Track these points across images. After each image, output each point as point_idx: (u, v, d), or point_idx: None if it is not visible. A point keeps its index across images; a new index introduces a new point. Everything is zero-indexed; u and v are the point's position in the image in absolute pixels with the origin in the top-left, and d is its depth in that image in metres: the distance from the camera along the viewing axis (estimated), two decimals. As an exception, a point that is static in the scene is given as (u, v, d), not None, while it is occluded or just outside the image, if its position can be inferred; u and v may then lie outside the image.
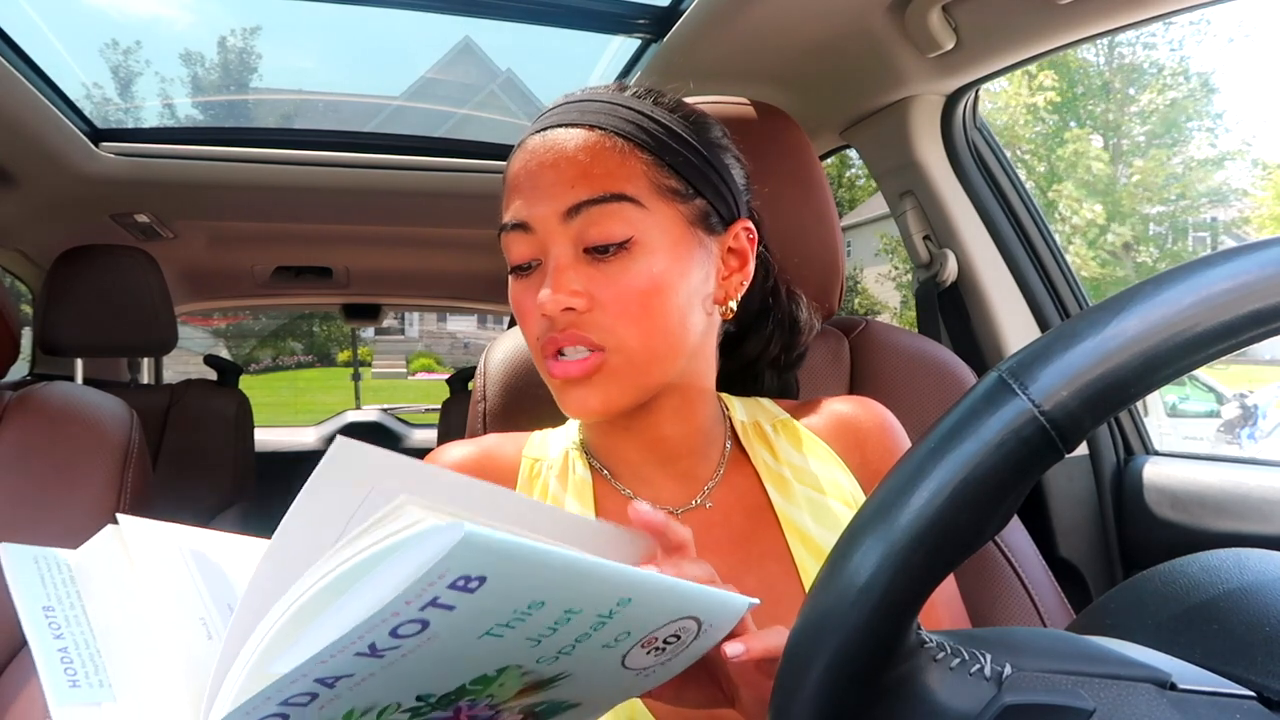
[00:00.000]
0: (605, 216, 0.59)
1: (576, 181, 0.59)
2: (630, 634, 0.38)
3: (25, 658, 0.76)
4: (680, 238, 0.62)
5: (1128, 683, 0.33)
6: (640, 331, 0.60)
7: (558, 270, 0.59)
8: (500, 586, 0.32)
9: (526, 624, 0.34)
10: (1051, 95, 14.39)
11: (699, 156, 0.64)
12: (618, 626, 0.37)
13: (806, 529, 0.64)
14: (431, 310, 10.67)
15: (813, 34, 1.19)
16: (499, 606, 0.33)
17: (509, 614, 0.33)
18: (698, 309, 0.64)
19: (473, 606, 0.32)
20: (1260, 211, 15.10)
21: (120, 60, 14.37)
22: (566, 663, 0.38)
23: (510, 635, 0.34)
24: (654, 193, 0.61)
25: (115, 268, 1.80)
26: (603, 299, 0.59)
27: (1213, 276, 0.29)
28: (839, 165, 14.50)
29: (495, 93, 6.96)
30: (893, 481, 0.32)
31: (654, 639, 0.40)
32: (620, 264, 0.59)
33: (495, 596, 0.32)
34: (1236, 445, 7.31)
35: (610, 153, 0.60)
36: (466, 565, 0.30)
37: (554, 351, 0.61)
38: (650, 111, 0.64)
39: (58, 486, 0.86)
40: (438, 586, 0.30)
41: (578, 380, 0.60)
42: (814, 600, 0.33)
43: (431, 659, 0.34)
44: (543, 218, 0.60)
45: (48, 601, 0.38)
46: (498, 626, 0.33)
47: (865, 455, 0.69)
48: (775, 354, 0.75)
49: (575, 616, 0.35)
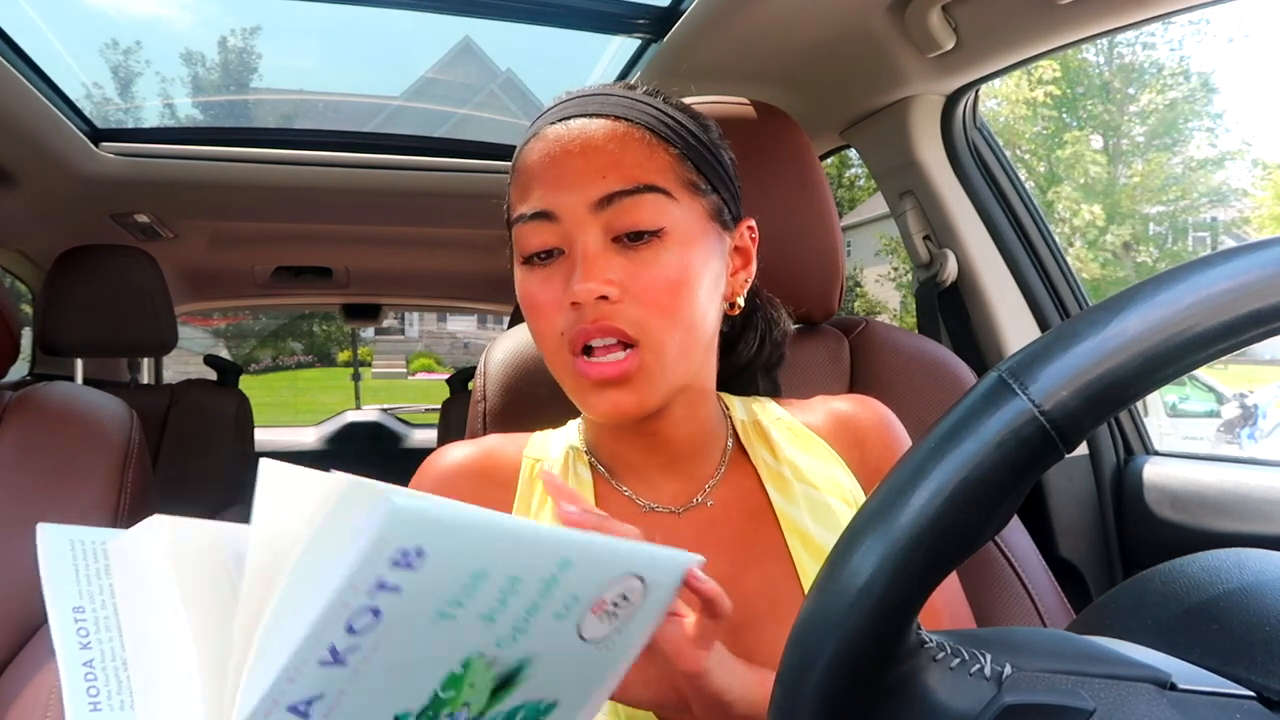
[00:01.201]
0: (638, 206, 0.59)
1: (608, 171, 0.59)
2: (578, 599, 0.39)
3: (28, 656, 0.76)
4: (704, 232, 0.62)
5: (1128, 683, 0.33)
6: (671, 324, 0.59)
7: (590, 258, 0.58)
8: (440, 560, 0.32)
9: (475, 599, 0.34)
10: (1052, 89, 14.39)
11: (711, 154, 0.65)
12: (564, 592, 0.38)
13: (806, 528, 0.64)
14: (431, 310, 10.67)
15: (813, 34, 1.19)
16: (443, 582, 0.33)
17: (455, 589, 0.34)
18: (715, 304, 0.64)
19: (418, 586, 0.32)
20: (1260, 211, 15.10)
21: (120, 60, 14.37)
22: (526, 644, 0.38)
23: (462, 616, 0.35)
24: (681, 185, 0.61)
25: (115, 268, 1.80)
26: (634, 289, 0.58)
27: (1213, 276, 0.29)
28: (839, 165, 14.50)
29: (495, 93, 6.95)
30: (893, 481, 0.32)
31: (603, 602, 0.40)
32: (652, 253, 0.59)
33: (437, 571, 0.32)
34: (1236, 445, 7.32)
35: (639, 144, 0.60)
36: (401, 536, 0.31)
37: (581, 346, 0.59)
38: (663, 108, 0.64)
39: (58, 486, 0.86)
40: (379, 566, 0.31)
41: (613, 381, 0.59)
42: (814, 600, 0.33)
43: (396, 659, 0.34)
44: (570, 207, 0.59)
45: (79, 601, 0.38)
46: (448, 606, 0.34)
47: (865, 453, 0.69)
48: (766, 355, 0.75)
49: (520, 585, 0.36)
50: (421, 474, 0.69)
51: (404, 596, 0.32)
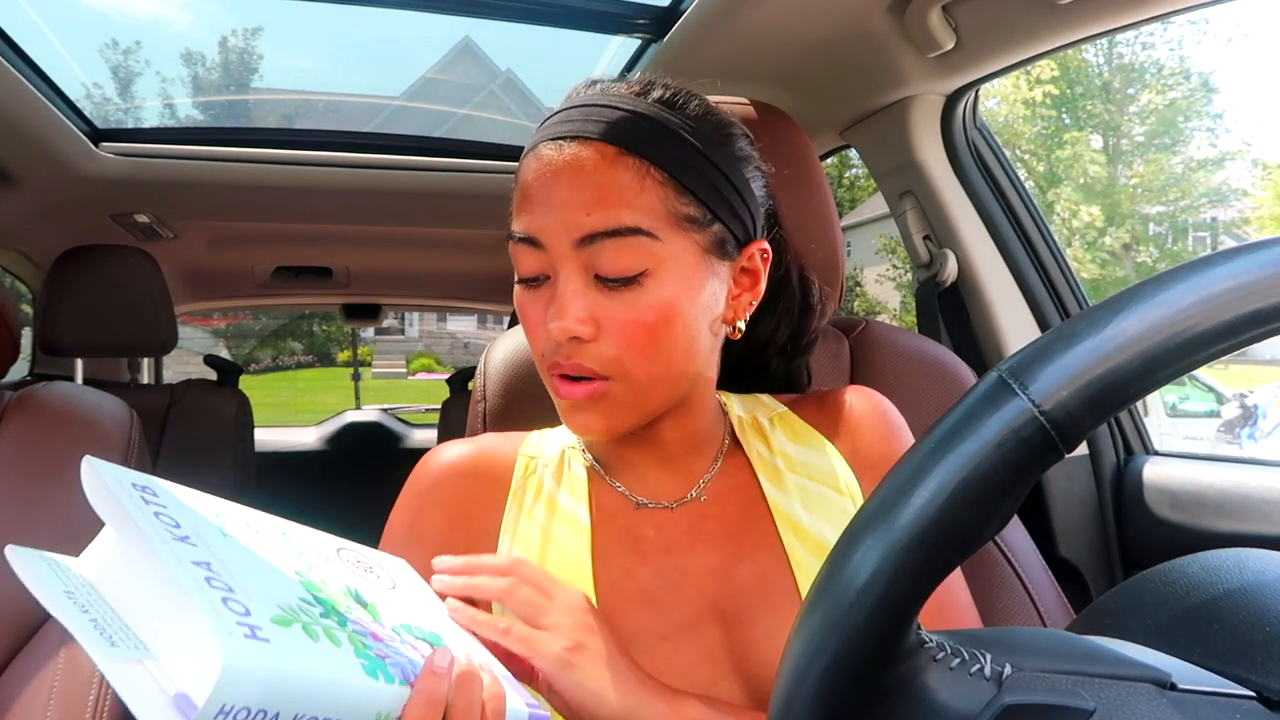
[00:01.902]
0: (618, 250, 0.57)
1: (593, 208, 0.57)
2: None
3: (28, 656, 0.76)
4: (694, 267, 0.60)
5: (1128, 683, 0.33)
6: (645, 361, 0.59)
7: (565, 298, 0.58)
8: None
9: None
10: (1051, 89, 14.38)
11: (720, 176, 0.61)
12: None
13: (798, 518, 0.64)
14: (431, 310, 10.66)
15: (813, 34, 1.19)
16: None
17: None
18: (704, 333, 0.63)
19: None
20: (1260, 211, 15.10)
21: (120, 60, 14.37)
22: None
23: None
24: (670, 222, 0.58)
25: (115, 268, 1.80)
26: (609, 328, 0.58)
27: (1213, 276, 0.29)
28: (839, 165, 14.50)
29: (495, 93, 6.94)
30: (893, 481, 0.32)
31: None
32: (631, 295, 0.58)
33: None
34: (1236, 445, 7.32)
35: (628, 176, 0.58)
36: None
37: (559, 372, 0.61)
38: (671, 124, 0.60)
39: (58, 486, 0.85)
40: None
41: (581, 403, 0.60)
42: (814, 600, 0.33)
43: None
44: (554, 237, 0.58)
45: (68, 587, 0.39)
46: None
47: (857, 441, 0.69)
48: (783, 340, 0.74)
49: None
50: (417, 473, 0.69)
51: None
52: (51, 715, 0.71)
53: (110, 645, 0.36)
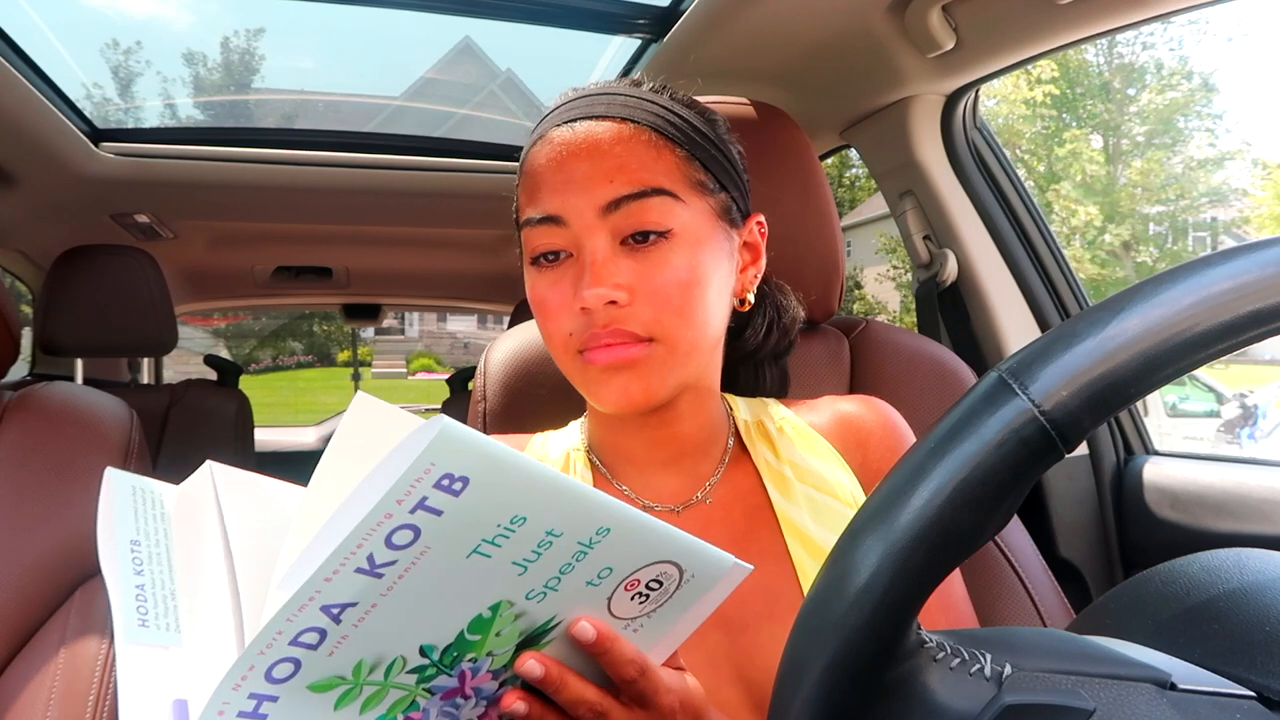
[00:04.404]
0: (644, 210, 0.58)
1: (615, 175, 0.59)
2: (612, 570, 0.39)
3: (28, 656, 0.76)
4: (712, 231, 0.62)
5: (1128, 683, 0.33)
6: (682, 322, 0.59)
7: (599, 264, 0.58)
8: (483, 493, 0.33)
9: (511, 541, 0.35)
10: (1051, 89, 14.39)
11: (719, 151, 0.64)
12: (599, 559, 0.38)
13: (805, 528, 0.64)
14: (431, 310, 10.66)
15: (813, 34, 1.19)
16: (483, 517, 0.34)
17: (493, 527, 0.35)
18: (724, 300, 0.64)
19: (459, 514, 0.33)
20: (1260, 211, 15.10)
21: (120, 60, 14.36)
22: (554, 603, 0.39)
23: (497, 558, 0.36)
24: (687, 186, 0.61)
25: (115, 268, 1.80)
26: (644, 290, 0.58)
27: (1213, 276, 0.29)
28: (839, 165, 14.50)
29: (495, 93, 6.93)
30: (893, 481, 0.32)
31: (636, 581, 0.40)
32: (660, 254, 0.59)
33: (479, 504, 0.33)
34: (1236, 445, 7.32)
35: (645, 146, 0.60)
36: (449, 462, 0.32)
37: (599, 343, 0.59)
38: (670, 106, 0.63)
39: (58, 486, 0.85)
40: (424, 485, 0.32)
41: (622, 367, 0.59)
42: (814, 600, 0.33)
43: (428, 587, 0.35)
44: (578, 211, 0.59)
45: (136, 535, 0.39)
46: (484, 544, 0.35)
47: (867, 455, 0.69)
48: (773, 344, 0.75)
49: (556, 540, 0.36)
50: None
51: (444, 521, 0.33)
52: (51, 715, 0.71)
53: (140, 625, 0.36)
